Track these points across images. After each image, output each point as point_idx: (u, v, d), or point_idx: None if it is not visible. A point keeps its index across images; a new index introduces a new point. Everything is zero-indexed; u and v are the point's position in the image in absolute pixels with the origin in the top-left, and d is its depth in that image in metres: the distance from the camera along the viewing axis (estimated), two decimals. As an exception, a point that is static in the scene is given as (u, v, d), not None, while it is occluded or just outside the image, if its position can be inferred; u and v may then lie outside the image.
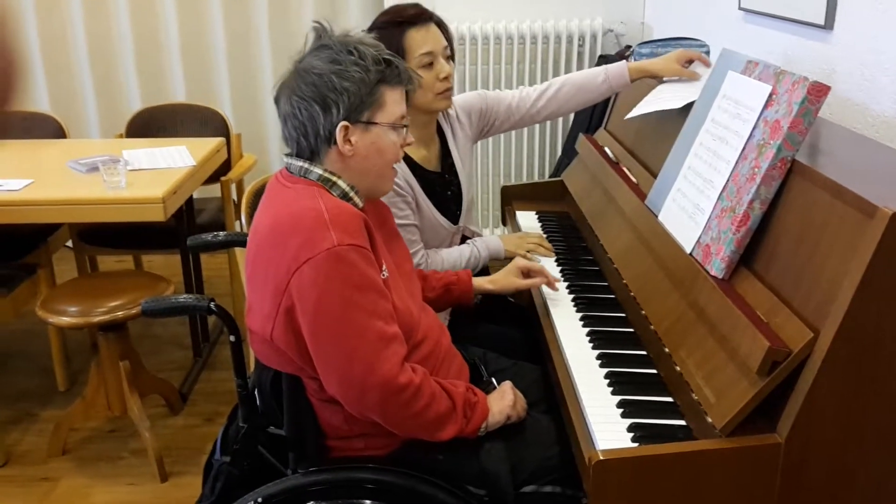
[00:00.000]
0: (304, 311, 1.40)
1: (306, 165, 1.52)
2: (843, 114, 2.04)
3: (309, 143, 1.51)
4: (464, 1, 3.68)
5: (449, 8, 3.61)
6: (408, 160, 2.05)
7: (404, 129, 1.57)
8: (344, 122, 1.48)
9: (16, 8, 3.88)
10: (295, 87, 1.50)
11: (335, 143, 1.49)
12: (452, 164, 2.18)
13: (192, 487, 2.47)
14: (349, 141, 1.50)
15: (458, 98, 2.21)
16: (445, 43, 2.02)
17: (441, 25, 2.03)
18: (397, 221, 1.94)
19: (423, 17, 1.99)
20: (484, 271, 2.25)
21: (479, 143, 3.82)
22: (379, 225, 1.64)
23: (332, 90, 1.46)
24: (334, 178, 1.52)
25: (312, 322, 1.40)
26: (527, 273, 1.94)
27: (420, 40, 1.96)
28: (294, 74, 1.51)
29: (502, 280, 1.93)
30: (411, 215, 2.02)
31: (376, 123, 1.51)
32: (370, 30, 2.02)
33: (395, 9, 2.01)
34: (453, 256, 2.12)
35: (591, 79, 2.23)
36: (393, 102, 1.52)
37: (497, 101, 2.26)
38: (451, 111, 2.19)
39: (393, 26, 1.97)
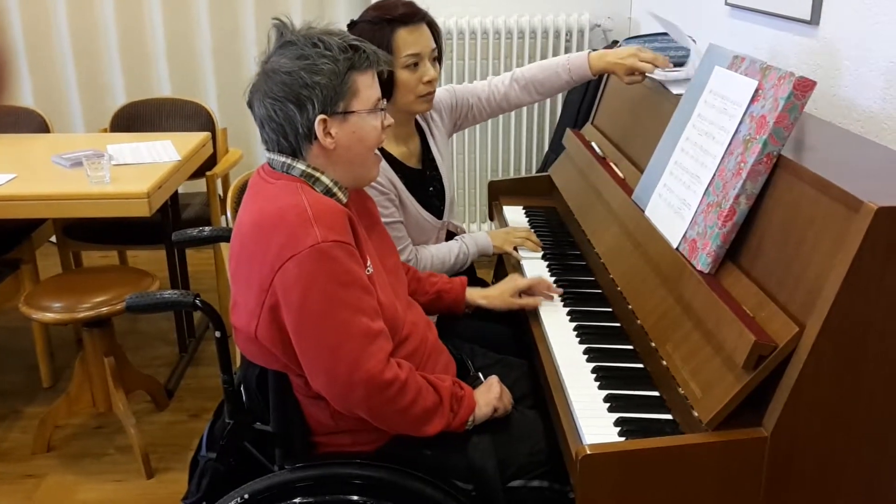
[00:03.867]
0: (289, 309, 1.39)
1: (288, 161, 1.51)
2: (829, 109, 2.05)
3: (290, 142, 1.49)
4: (450, -4, 3.68)
5: (435, 2, 3.60)
6: (388, 157, 2.04)
7: (382, 111, 1.56)
8: (321, 116, 1.46)
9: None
10: (266, 89, 1.47)
11: (316, 138, 1.48)
12: (433, 160, 2.18)
13: (179, 484, 2.46)
14: (329, 134, 1.48)
15: None
16: (434, 45, 2.00)
17: (432, 26, 2.01)
18: (383, 220, 1.94)
19: (415, 16, 1.95)
20: (469, 268, 2.24)
21: (465, 137, 3.85)
22: (364, 219, 1.63)
23: (304, 86, 1.45)
24: (317, 174, 1.51)
25: (297, 319, 1.39)
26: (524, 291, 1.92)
27: (409, 41, 1.94)
28: (263, 76, 1.49)
29: (497, 297, 1.91)
30: (396, 213, 2.02)
31: (353, 112, 1.49)
32: (358, 22, 2.00)
33: (387, 4, 1.97)
34: (442, 252, 2.12)
35: (554, 75, 2.21)
36: (366, 87, 1.50)
37: (465, 93, 2.26)
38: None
39: (384, 23, 1.94)
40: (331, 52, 1.46)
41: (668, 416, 1.42)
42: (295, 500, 1.50)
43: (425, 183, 2.14)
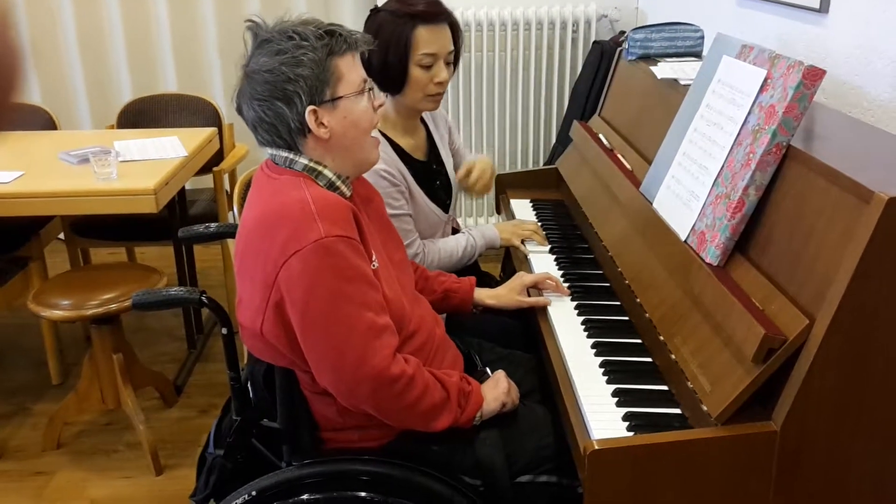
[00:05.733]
0: (293, 305, 1.39)
1: (291, 156, 1.50)
2: (839, 98, 2.03)
3: (285, 140, 1.49)
4: (456, -12, 3.66)
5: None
6: (397, 149, 2.03)
7: (370, 91, 1.54)
8: (311, 107, 1.45)
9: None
10: (251, 91, 1.47)
11: (310, 130, 1.47)
12: (438, 155, 2.17)
13: (188, 480, 2.46)
14: (322, 124, 1.47)
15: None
16: (452, 48, 1.99)
17: (454, 28, 1.99)
18: (392, 212, 1.93)
19: (438, 16, 1.94)
20: (474, 263, 2.23)
21: (472, 130, 3.83)
22: (369, 214, 1.62)
23: (288, 81, 1.44)
24: (319, 168, 1.50)
25: (302, 315, 1.39)
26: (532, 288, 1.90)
27: (428, 39, 1.93)
28: (246, 79, 1.48)
29: (505, 296, 1.89)
30: (405, 205, 2.01)
31: (341, 97, 1.48)
32: (381, 10, 1.97)
33: None
34: (450, 246, 2.11)
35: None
36: (349, 70, 1.49)
37: (455, 137, 2.30)
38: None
39: (406, 17, 1.92)
40: (308, 42, 1.44)
41: (677, 411, 1.41)
42: (303, 497, 1.49)
43: (432, 176, 2.13)
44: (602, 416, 1.41)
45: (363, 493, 1.49)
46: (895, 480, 1.31)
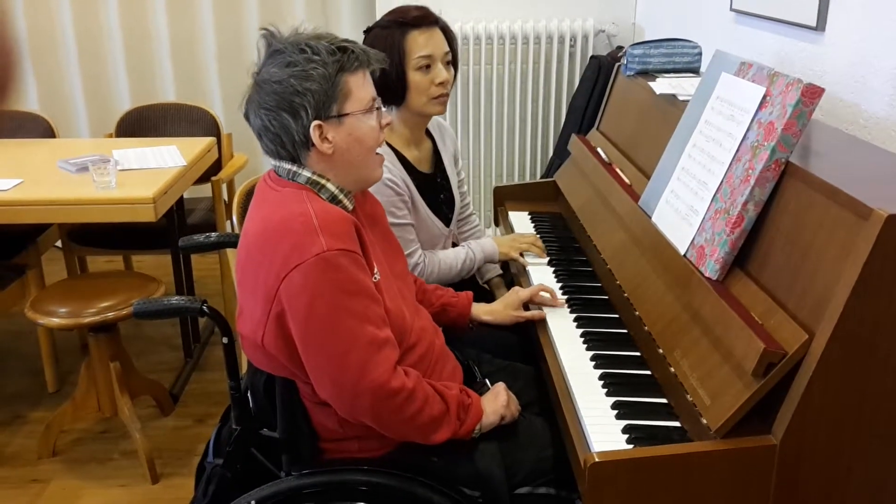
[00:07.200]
0: (295, 318, 1.39)
1: (294, 168, 1.51)
2: (835, 115, 2.04)
3: (288, 151, 1.49)
4: (455, 1, 3.68)
5: (441, 8, 3.60)
6: (402, 160, 2.05)
7: (378, 110, 1.55)
8: (316, 122, 1.46)
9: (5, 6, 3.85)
10: (259, 100, 1.48)
11: (313, 144, 1.48)
12: (444, 169, 2.18)
13: (184, 489, 2.46)
14: (326, 139, 1.48)
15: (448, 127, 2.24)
16: (447, 49, 2.01)
17: (446, 31, 2.03)
18: (395, 220, 1.95)
19: (427, 20, 1.98)
20: (471, 278, 2.25)
21: (470, 142, 3.85)
22: (371, 225, 1.63)
23: (296, 94, 1.44)
24: (322, 181, 1.51)
25: (303, 328, 1.39)
26: (527, 303, 1.91)
27: (421, 42, 1.96)
28: (256, 88, 1.49)
29: (501, 312, 1.90)
30: (408, 215, 2.02)
31: (347, 114, 1.49)
32: (373, 28, 2.01)
33: (401, 9, 2.00)
34: (450, 257, 2.12)
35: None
36: (358, 88, 1.49)
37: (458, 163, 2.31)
38: (442, 121, 2.20)
39: (395, 26, 1.97)
40: (319, 57, 1.45)
41: (677, 424, 1.42)
42: (302, 507, 1.50)
43: (436, 189, 2.15)
44: (602, 429, 1.41)
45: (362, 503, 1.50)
46: (894, 495, 1.32)
